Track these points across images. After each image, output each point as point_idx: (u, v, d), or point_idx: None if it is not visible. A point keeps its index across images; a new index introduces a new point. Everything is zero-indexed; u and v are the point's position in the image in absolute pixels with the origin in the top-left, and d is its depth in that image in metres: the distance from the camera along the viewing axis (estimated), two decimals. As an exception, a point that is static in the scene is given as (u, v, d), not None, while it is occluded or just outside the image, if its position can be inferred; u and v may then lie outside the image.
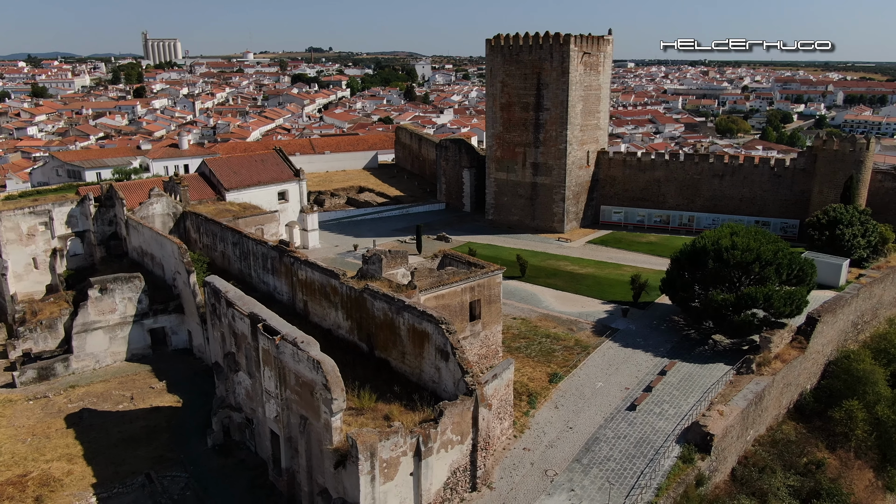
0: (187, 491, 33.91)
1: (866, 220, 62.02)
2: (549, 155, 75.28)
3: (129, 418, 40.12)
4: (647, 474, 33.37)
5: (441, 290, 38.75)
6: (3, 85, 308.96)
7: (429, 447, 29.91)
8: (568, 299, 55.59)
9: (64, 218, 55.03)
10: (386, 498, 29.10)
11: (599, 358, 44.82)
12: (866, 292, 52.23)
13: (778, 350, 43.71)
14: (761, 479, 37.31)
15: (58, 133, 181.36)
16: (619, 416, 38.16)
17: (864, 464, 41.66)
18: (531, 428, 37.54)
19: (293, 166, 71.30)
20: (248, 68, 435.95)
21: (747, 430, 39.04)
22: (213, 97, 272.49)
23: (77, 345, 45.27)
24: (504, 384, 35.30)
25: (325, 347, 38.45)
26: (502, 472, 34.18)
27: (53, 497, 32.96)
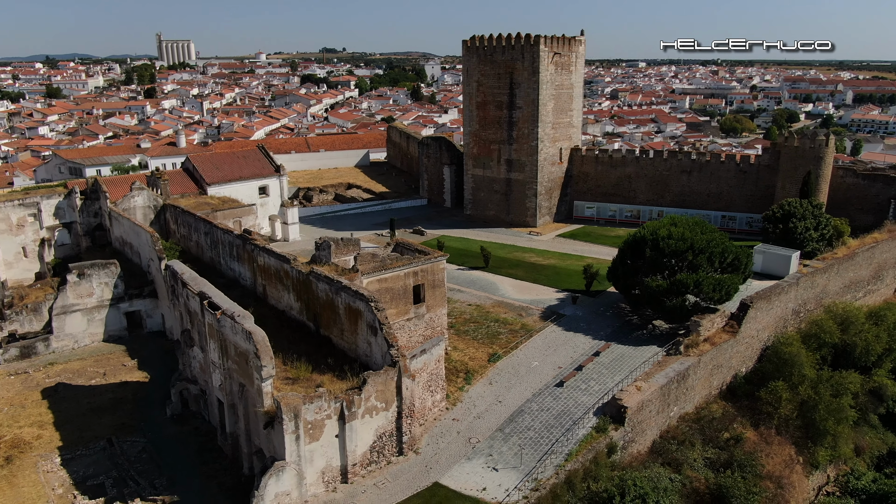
0: (143, 454, 37.23)
1: (819, 214, 64.26)
2: (522, 152, 78.11)
3: (99, 391, 43.58)
4: (561, 442, 36.24)
5: (384, 273, 41.74)
6: (19, 86, 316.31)
7: (353, 412, 33.00)
8: (525, 288, 58.42)
9: (52, 210, 58.75)
10: (312, 456, 32.26)
11: (540, 340, 47.67)
12: (807, 282, 54.52)
13: (708, 333, 46.30)
14: (679, 450, 40.00)
15: (68, 133, 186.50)
16: (547, 392, 41.03)
17: (785, 440, 44.16)
18: (463, 401, 40.51)
19: (274, 162, 74.69)
20: (260, 69, 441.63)
21: (669, 406, 41.68)
22: (222, 97, 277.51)
23: (57, 326, 48.85)
24: (434, 359, 38.29)
25: (278, 327, 42.05)
26: (430, 439, 37.18)
27: (22, 457, 36.43)
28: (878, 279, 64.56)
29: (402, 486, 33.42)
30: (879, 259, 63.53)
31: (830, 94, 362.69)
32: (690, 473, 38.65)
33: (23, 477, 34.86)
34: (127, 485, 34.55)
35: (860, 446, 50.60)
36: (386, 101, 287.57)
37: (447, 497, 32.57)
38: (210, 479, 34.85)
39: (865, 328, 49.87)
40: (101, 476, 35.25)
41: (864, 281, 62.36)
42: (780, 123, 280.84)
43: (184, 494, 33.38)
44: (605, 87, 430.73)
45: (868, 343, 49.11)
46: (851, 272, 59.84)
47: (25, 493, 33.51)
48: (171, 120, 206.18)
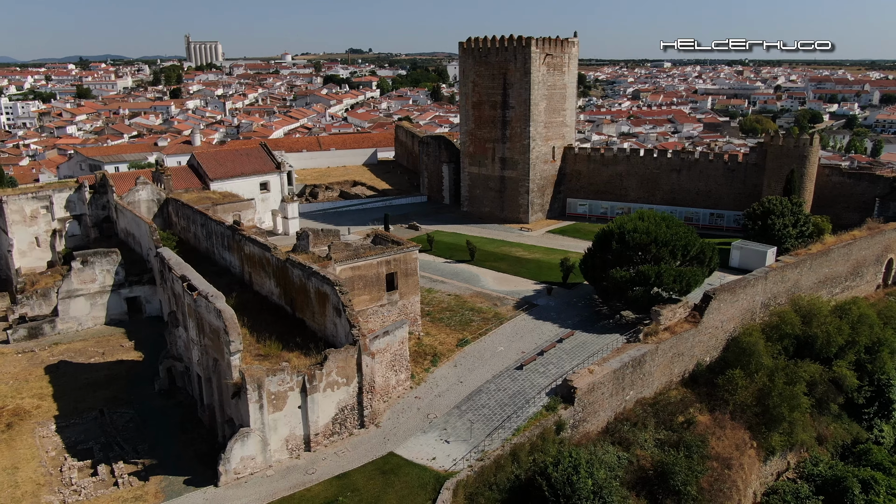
0: (130, 424, 40.67)
1: (798, 212, 65.76)
2: (515, 150, 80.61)
3: (97, 368, 47.23)
4: (511, 418, 38.84)
5: (357, 262, 44.73)
6: (51, 87, 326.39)
7: (314, 385, 36.00)
8: (505, 280, 60.97)
9: (63, 202, 62.78)
10: (276, 425, 35.35)
11: (510, 328, 50.25)
12: (777, 276, 56.21)
13: (669, 323, 48.39)
14: (631, 431, 42.23)
15: (94, 132, 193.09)
16: (506, 374, 43.62)
17: (739, 425, 46.08)
18: (427, 381, 43.30)
19: (275, 159, 78.23)
20: (284, 70, 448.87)
21: (624, 390, 43.92)
22: (245, 98, 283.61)
23: (62, 309, 52.71)
24: (398, 341, 41.11)
25: (259, 310, 45.35)
26: (391, 414, 40.04)
27: (21, 424, 40.09)
28: (857, 276, 65.80)
29: (360, 455, 36.31)
30: (858, 256, 64.78)
31: (856, 95, 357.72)
32: (639, 452, 40.91)
33: (20, 441, 38.49)
34: (112, 449, 37.98)
35: (823, 435, 52.28)
36: (406, 101, 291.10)
37: (398, 465, 35.38)
38: (188, 446, 38.10)
39: (828, 321, 51.41)
40: (91, 442, 38.71)
41: (842, 277, 63.69)
42: (802, 124, 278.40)
43: (162, 458, 36.67)
44: (627, 87, 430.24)
45: (829, 335, 50.64)
46: (826, 268, 61.26)
47: (21, 454, 37.10)
48: (194, 119, 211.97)
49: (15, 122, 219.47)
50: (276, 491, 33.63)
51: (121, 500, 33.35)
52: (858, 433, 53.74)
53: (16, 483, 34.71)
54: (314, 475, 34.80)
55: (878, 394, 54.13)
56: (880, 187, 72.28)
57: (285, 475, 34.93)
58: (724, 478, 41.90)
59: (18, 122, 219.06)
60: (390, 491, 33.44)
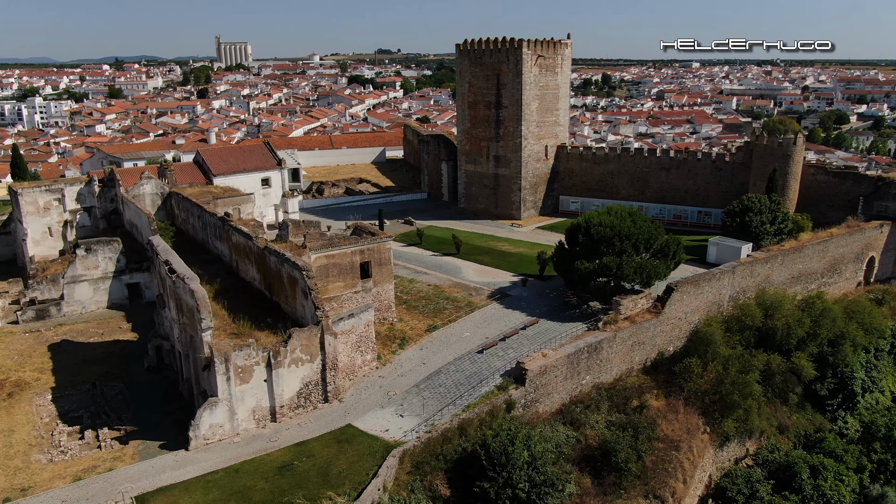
0: (119, 396, 44.40)
1: (777, 209, 67.30)
2: (508, 148, 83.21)
3: (94, 347, 51.20)
4: (464, 396, 41.65)
5: (331, 250, 47.94)
6: (85, 86, 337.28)
7: (279, 361, 39.24)
8: (486, 272, 63.69)
9: (74, 195, 67.14)
10: (243, 396, 38.67)
11: (479, 315, 53.01)
12: (746, 270, 58.04)
13: (630, 313, 50.66)
14: (584, 413, 44.68)
15: (122, 130, 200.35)
16: (467, 357, 46.42)
17: (693, 411, 48.16)
18: (393, 362, 46.30)
19: (277, 156, 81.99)
20: (311, 70, 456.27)
21: (580, 374, 46.32)
22: (270, 98, 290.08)
23: (67, 293, 56.89)
24: (363, 324, 44.17)
25: (241, 294, 48.88)
26: (355, 391, 43.13)
27: (21, 394, 44.09)
28: (835, 273, 67.16)
29: (321, 426, 39.45)
30: (835, 253, 66.14)
31: (886, 95, 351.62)
32: (588, 432, 43.37)
33: (19, 408, 42.44)
34: (100, 417, 41.68)
35: (785, 425, 54.09)
36: (427, 101, 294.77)
37: (354, 435, 38.44)
38: (167, 416, 41.62)
39: (789, 314, 53.17)
40: (81, 411, 42.49)
41: (818, 273, 65.15)
42: (827, 125, 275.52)
43: (143, 426, 40.24)
44: (652, 87, 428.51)
45: (789, 327, 52.42)
46: (800, 264, 62.82)
47: (18, 420, 41.03)
48: (218, 119, 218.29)
49: (48, 121, 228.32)
50: (239, 455, 36.91)
51: (101, 460, 36.93)
52: (822, 424, 55.38)
53: (10, 443, 38.57)
54: (276, 442, 38.03)
55: (841, 385, 55.67)
56: (864, 186, 73.26)
57: (250, 442, 38.21)
58: (670, 458, 44.13)
59: (51, 120, 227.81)
60: (342, 457, 36.50)
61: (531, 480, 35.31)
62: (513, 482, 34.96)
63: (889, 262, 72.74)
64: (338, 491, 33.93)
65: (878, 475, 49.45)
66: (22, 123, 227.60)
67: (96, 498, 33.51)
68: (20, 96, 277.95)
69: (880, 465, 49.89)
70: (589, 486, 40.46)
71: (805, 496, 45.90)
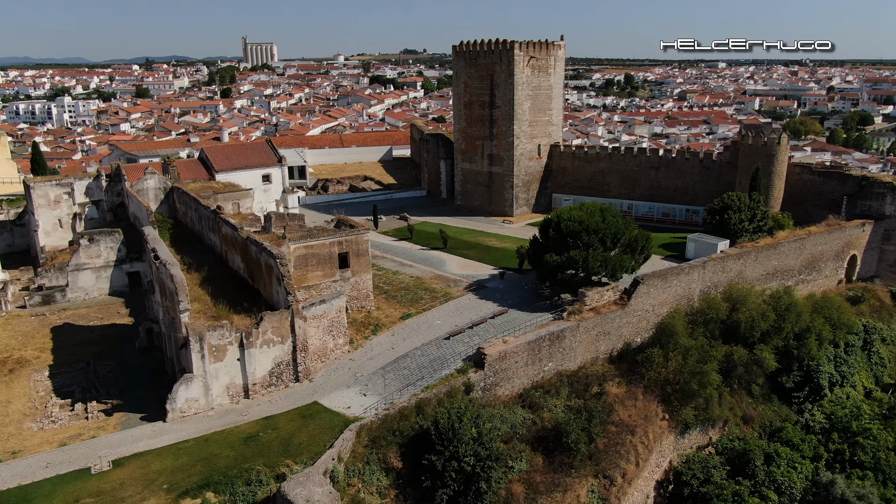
0: (110, 373, 47.89)
1: (756, 207, 68.76)
2: (501, 147, 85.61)
3: (93, 330, 54.86)
4: (425, 378, 44.32)
5: (310, 241, 50.94)
6: (115, 86, 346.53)
7: (251, 341, 42.31)
8: (468, 265, 66.21)
9: (83, 189, 71.16)
10: (217, 373, 41.81)
11: (453, 305, 55.60)
12: (717, 266, 59.78)
13: (596, 304, 52.85)
14: (543, 398, 47.05)
15: (146, 129, 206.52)
16: (434, 343, 49.05)
17: (652, 399, 50.28)
18: (364, 347, 49.14)
19: (278, 153, 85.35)
20: (335, 70, 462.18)
21: (542, 361, 48.64)
22: (291, 97, 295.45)
23: (71, 280, 60.75)
24: (335, 310, 47.05)
25: (226, 281, 52.12)
26: (326, 372, 46.05)
27: (21, 370, 47.81)
28: (813, 270, 68.42)
29: (289, 403, 42.42)
30: (812, 251, 67.43)
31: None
32: (545, 415, 45.75)
33: (17, 383, 46.14)
34: (91, 392, 45.18)
35: (750, 416, 55.88)
36: (446, 101, 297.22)
37: (318, 411, 41.35)
38: (151, 392, 44.89)
39: (753, 307, 54.85)
40: (74, 386, 46.03)
41: (795, 270, 66.52)
42: (850, 126, 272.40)
43: (129, 400, 43.61)
44: (675, 87, 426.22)
45: (753, 321, 54.12)
46: (775, 260, 64.30)
47: (15, 393, 44.70)
48: (239, 118, 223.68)
49: (76, 120, 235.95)
50: (211, 427, 40.02)
51: (86, 429, 40.35)
52: (788, 415, 57.03)
53: (6, 413, 42.20)
54: (246, 417, 41.09)
55: (807, 378, 57.20)
56: (849, 186, 74.25)
57: (223, 416, 41.33)
58: (624, 441, 46.32)
59: (79, 119, 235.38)
60: (304, 430, 39.42)
61: (477, 455, 37.82)
62: (459, 456, 37.50)
63: (872, 260, 73.66)
64: (295, 459, 36.84)
65: (835, 464, 50.98)
66: (51, 122, 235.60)
67: (78, 461, 36.86)
68: (51, 96, 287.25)
69: (837, 455, 51.42)
70: (540, 464, 42.90)
71: (757, 481, 47.67)
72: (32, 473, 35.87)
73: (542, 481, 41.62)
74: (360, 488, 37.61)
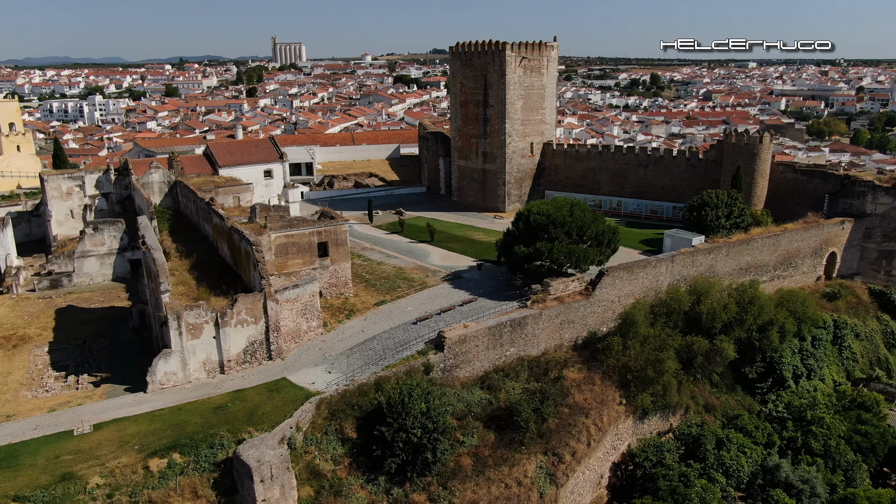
0: (104, 350, 52.00)
1: (733, 204, 70.51)
2: (494, 145, 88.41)
3: (93, 311, 59.16)
4: (387, 358, 47.48)
5: (290, 231, 54.48)
6: (146, 85, 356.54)
7: (226, 321, 45.89)
8: (450, 257, 69.21)
9: (93, 182, 75.89)
10: (194, 349, 45.48)
11: (427, 294, 58.66)
12: (686, 259, 61.83)
13: (561, 294, 55.39)
14: (502, 380, 49.78)
15: (171, 127, 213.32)
16: (402, 327, 52.17)
17: (610, 384, 52.68)
18: (337, 330, 52.48)
19: (280, 150, 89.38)
20: (360, 70, 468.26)
21: (503, 346, 51.31)
22: (314, 97, 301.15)
23: (77, 266, 65.27)
24: (308, 294, 50.44)
25: (212, 266, 55.81)
26: (298, 352, 49.48)
27: (24, 346, 52.17)
28: (790, 266, 69.93)
29: (259, 378, 45.93)
30: (788, 247, 68.97)
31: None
32: (501, 396, 48.53)
33: (19, 357, 50.47)
34: (84, 367, 49.29)
35: (712, 404, 57.91)
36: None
37: (284, 386, 44.79)
38: (139, 367, 48.61)
39: (716, 300, 56.84)
40: (69, 361, 50.18)
41: (769, 266, 68.13)
42: (876, 127, 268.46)
43: (117, 374, 47.58)
44: (701, 88, 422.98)
45: (714, 312, 56.13)
46: (747, 256, 66.05)
47: (16, 365, 49.00)
48: (261, 117, 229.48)
49: (106, 118, 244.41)
50: (186, 398, 43.70)
51: (75, 397, 44.38)
52: (751, 405, 58.93)
53: (6, 383, 46.46)
54: (219, 390, 44.68)
55: (770, 370, 59.04)
56: (831, 184, 75.43)
57: (198, 388, 44.98)
58: (576, 423, 48.87)
59: (109, 117, 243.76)
60: (269, 402, 42.87)
61: (424, 427, 40.82)
62: (407, 428, 40.56)
63: (853, 258, 74.75)
64: (257, 427, 40.29)
65: (787, 451, 52.81)
66: (83, 120, 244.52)
67: (63, 424, 40.79)
68: (84, 94, 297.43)
69: (790, 442, 53.22)
70: (492, 440, 45.76)
71: (707, 464, 49.82)
72: (22, 434, 39.87)
73: (490, 455, 44.46)
74: (317, 455, 40.93)
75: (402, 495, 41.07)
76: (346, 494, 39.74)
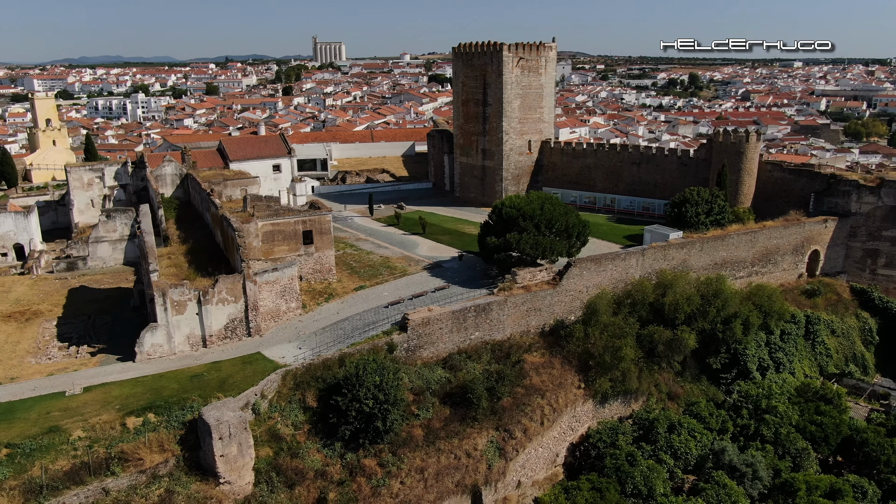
0: (105, 325, 57.20)
1: (714, 202, 72.37)
2: (492, 142, 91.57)
3: (101, 291, 64.62)
4: (354, 336, 51.38)
5: (276, 219, 58.85)
6: (189, 84, 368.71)
7: (208, 299, 50.41)
8: (437, 248, 72.78)
9: (112, 174, 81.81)
10: (179, 324, 50.12)
11: (405, 281, 62.37)
12: (657, 253, 64.16)
13: (528, 283, 58.45)
14: (464, 362, 53.17)
15: (206, 124, 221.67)
16: (374, 310, 55.97)
17: (569, 369, 55.60)
18: (315, 311, 56.61)
19: (289, 145, 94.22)
20: (397, 69, 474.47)
21: (468, 330, 54.61)
22: (348, 95, 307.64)
23: (91, 251, 70.99)
24: (287, 277, 54.66)
25: (206, 251, 60.47)
26: (276, 330, 53.75)
27: (35, 320, 57.76)
28: (769, 262, 71.48)
29: (237, 352, 50.32)
30: (766, 244, 70.55)
31: None
32: (460, 375, 51.91)
33: (29, 329, 56.01)
34: (85, 339, 54.51)
35: (675, 393, 60.29)
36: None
37: (257, 359, 49.08)
38: (133, 340, 53.74)
39: (680, 292, 59.12)
40: (73, 333, 55.50)
41: (747, 262, 69.87)
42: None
43: (114, 345, 52.58)
44: (740, 87, 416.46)
45: (677, 304, 58.44)
46: (723, 251, 67.97)
47: (25, 336, 54.50)
48: (293, 115, 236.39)
49: (148, 115, 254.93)
50: (169, 367, 48.34)
51: (72, 364, 49.47)
52: (715, 395, 61.07)
53: (14, 351, 51.90)
54: (199, 361, 49.20)
55: (734, 361, 61.06)
56: (818, 183, 76.51)
57: (181, 360, 49.61)
58: (531, 402, 51.97)
59: (150, 114, 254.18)
60: (241, 373, 47.18)
61: (376, 399, 44.54)
62: (360, 398, 44.35)
63: (838, 256, 75.73)
64: (226, 394, 44.57)
65: (740, 437, 54.87)
66: (126, 117, 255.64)
67: (58, 387, 45.79)
68: (129, 92, 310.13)
69: (743, 429, 55.23)
70: (446, 415, 49.23)
71: (658, 446, 52.33)
72: (21, 393, 45.00)
73: (442, 428, 47.94)
74: (279, 420, 45.04)
75: (354, 460, 44.89)
76: (302, 456, 43.73)
